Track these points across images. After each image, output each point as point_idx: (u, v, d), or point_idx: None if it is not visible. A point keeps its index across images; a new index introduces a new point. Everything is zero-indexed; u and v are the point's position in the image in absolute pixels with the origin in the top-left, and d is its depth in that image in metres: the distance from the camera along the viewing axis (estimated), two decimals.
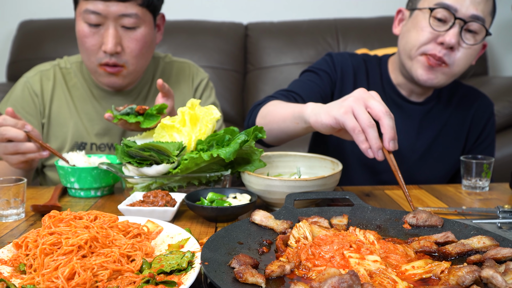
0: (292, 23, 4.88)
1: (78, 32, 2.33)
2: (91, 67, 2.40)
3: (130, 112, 2.03)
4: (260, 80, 4.70)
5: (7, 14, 5.05)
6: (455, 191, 2.05)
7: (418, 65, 2.24)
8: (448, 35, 2.14)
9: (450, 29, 2.14)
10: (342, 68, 2.46)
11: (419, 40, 2.21)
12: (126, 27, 2.29)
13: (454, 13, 2.13)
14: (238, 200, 1.73)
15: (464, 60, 2.21)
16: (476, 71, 4.87)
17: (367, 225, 1.50)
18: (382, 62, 2.51)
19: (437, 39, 2.17)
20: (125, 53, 2.33)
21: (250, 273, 1.10)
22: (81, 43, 2.34)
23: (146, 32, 2.35)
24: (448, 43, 2.14)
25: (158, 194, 1.67)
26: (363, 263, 1.17)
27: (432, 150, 2.44)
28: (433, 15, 2.17)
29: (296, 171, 1.99)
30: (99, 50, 2.31)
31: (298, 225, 1.35)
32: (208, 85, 2.73)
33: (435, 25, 2.17)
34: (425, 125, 2.43)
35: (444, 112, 2.45)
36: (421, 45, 2.20)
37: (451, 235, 1.36)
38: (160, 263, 1.21)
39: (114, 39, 2.27)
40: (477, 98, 2.50)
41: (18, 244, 1.28)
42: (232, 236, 1.34)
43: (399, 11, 2.42)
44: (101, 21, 2.26)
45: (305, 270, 1.18)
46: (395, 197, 1.95)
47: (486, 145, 2.50)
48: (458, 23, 2.14)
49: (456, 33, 2.14)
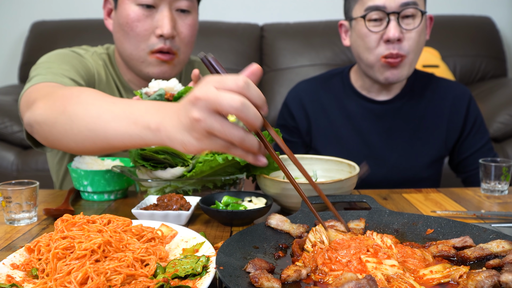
0: (309, 24, 4.87)
1: (126, 17, 2.14)
2: (139, 56, 2.20)
3: (160, 99, 1.89)
4: (276, 81, 4.69)
5: (20, 15, 5.08)
6: (474, 195, 2.02)
7: (381, 70, 2.31)
8: (389, 31, 2.22)
9: (388, 25, 2.22)
10: (297, 106, 2.59)
11: (369, 46, 2.29)
12: (181, 10, 2.18)
13: (384, 10, 2.21)
14: (254, 204, 1.71)
15: (415, 44, 2.28)
16: (495, 73, 4.85)
17: (384, 229, 1.48)
18: (344, 74, 2.59)
19: (382, 37, 2.25)
20: (179, 38, 2.21)
21: (265, 278, 1.09)
22: (130, 29, 2.15)
23: (196, 19, 2.26)
24: (393, 38, 2.21)
25: (173, 198, 1.66)
26: (380, 267, 1.16)
27: (412, 145, 2.47)
28: (367, 19, 2.25)
29: (313, 174, 1.97)
30: (151, 35, 2.16)
31: (314, 229, 1.34)
32: None
33: (373, 26, 2.26)
34: (399, 122, 2.47)
35: (418, 106, 2.49)
36: (373, 50, 2.28)
37: (469, 239, 1.34)
38: (175, 267, 1.20)
39: (171, 21, 2.14)
40: (451, 89, 2.53)
41: (30, 249, 1.27)
42: (247, 240, 1.33)
43: (341, 25, 2.51)
44: (155, 2, 2.13)
45: (321, 275, 1.17)
46: (413, 201, 1.92)
47: (477, 128, 2.51)
48: (393, 16, 2.21)
49: (395, 26, 2.22)
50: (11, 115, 4.04)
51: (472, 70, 4.84)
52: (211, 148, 1.17)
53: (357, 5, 2.31)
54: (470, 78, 4.83)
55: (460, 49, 4.86)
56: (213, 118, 1.12)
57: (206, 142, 1.16)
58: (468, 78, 4.83)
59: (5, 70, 5.18)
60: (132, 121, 1.33)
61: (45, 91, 1.72)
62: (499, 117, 4.00)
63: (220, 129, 1.12)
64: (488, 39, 4.95)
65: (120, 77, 2.34)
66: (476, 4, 5.26)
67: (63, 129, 1.53)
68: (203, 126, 1.13)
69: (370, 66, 2.33)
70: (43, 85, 1.85)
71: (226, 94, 1.10)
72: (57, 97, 1.62)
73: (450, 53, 4.82)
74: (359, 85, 2.51)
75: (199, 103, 1.12)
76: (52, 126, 1.57)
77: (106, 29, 2.33)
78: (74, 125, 1.49)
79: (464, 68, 4.84)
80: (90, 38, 4.33)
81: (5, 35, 5.15)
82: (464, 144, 2.50)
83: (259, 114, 1.15)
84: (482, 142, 2.50)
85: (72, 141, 1.54)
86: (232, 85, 1.12)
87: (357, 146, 2.47)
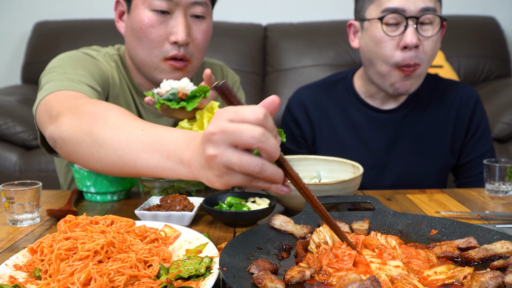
0: (312, 24, 4.86)
1: (140, 22, 2.09)
2: (152, 62, 2.15)
3: (173, 98, 1.86)
4: (280, 82, 4.69)
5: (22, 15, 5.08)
6: (478, 195, 2.01)
7: (392, 80, 2.23)
8: (407, 37, 2.13)
9: (405, 30, 2.13)
10: (301, 112, 2.52)
11: (384, 53, 2.19)
12: (196, 16, 2.13)
13: (403, 13, 2.12)
14: (257, 205, 1.71)
15: (431, 52, 2.21)
16: (499, 73, 4.84)
17: (388, 230, 1.47)
18: (347, 79, 2.50)
19: (399, 44, 2.16)
20: (193, 45, 2.15)
21: (269, 279, 1.09)
22: (144, 35, 2.10)
23: (210, 24, 2.21)
24: (411, 44, 2.12)
25: (176, 199, 1.66)
26: (384, 268, 1.16)
27: (418, 153, 2.42)
28: (384, 22, 2.15)
29: (316, 175, 1.96)
30: (165, 41, 2.10)
31: (318, 230, 1.33)
32: (239, 88, 2.63)
33: (390, 30, 2.16)
34: (404, 131, 2.41)
35: (424, 113, 2.42)
36: (388, 58, 2.19)
37: (473, 240, 1.33)
38: (178, 268, 1.20)
39: (186, 28, 2.08)
40: (458, 91, 2.46)
41: (33, 249, 1.27)
42: (251, 241, 1.33)
43: (350, 24, 2.40)
44: (170, 8, 2.07)
45: (325, 276, 1.17)
46: (417, 202, 1.92)
47: (480, 133, 2.45)
48: (411, 21, 2.13)
49: (413, 31, 2.13)
50: (14, 116, 4.04)
51: (476, 70, 4.82)
52: (234, 183, 1.15)
53: (373, 5, 2.21)
54: (474, 78, 4.82)
55: (464, 50, 4.84)
56: (230, 152, 1.10)
57: (227, 178, 1.14)
58: (472, 78, 4.82)
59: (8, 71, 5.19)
60: (165, 155, 1.33)
61: (69, 104, 1.69)
62: (503, 117, 3.99)
63: (238, 162, 1.10)
64: (492, 39, 4.94)
65: (132, 80, 2.30)
66: (480, 4, 5.25)
67: (90, 151, 1.52)
68: (220, 161, 1.11)
69: (381, 74, 2.25)
70: (64, 95, 1.80)
71: (246, 125, 1.08)
72: (83, 114, 1.59)
73: (454, 53, 4.81)
74: (364, 92, 2.44)
75: (213, 138, 1.11)
76: (78, 146, 1.56)
77: (110, 30, 2.32)
78: (101, 149, 1.49)
79: (468, 68, 4.82)
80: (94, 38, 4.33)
81: (8, 35, 5.16)
82: (465, 149, 2.44)
83: (278, 145, 1.13)
84: (482, 151, 2.43)
85: (98, 164, 1.53)
86: (251, 117, 1.09)
87: (362, 156, 2.40)
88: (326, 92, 2.53)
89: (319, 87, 2.56)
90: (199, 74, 2.47)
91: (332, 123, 2.48)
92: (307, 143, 2.52)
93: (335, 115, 2.48)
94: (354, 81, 2.49)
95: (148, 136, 1.40)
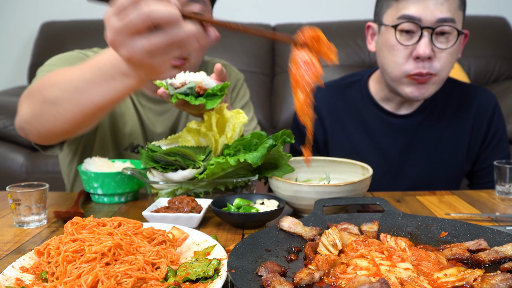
0: (321, 24, 4.84)
1: None
2: None
3: (190, 93, 1.80)
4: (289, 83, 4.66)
5: (29, 16, 5.09)
6: (488, 197, 2.00)
7: (405, 86, 2.19)
8: (420, 48, 2.08)
9: (419, 41, 2.08)
10: (319, 116, 2.45)
11: (396, 61, 2.15)
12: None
13: (419, 23, 2.07)
14: (266, 206, 1.70)
15: (448, 63, 2.15)
16: (509, 74, 4.82)
17: (398, 231, 1.47)
18: (362, 82, 2.46)
19: (412, 53, 2.11)
20: None
21: (278, 281, 1.09)
22: None
23: None
24: (423, 56, 2.07)
25: (184, 200, 1.65)
26: (394, 270, 1.15)
27: (433, 159, 2.38)
28: (399, 29, 2.11)
29: (325, 177, 1.95)
30: None
31: (327, 232, 1.33)
32: (243, 84, 2.60)
33: (403, 39, 2.12)
34: (419, 136, 2.38)
35: (440, 119, 2.38)
36: (400, 66, 2.15)
37: (483, 242, 1.33)
38: (186, 270, 1.19)
39: None
40: (476, 96, 2.40)
41: (40, 252, 1.27)
42: (259, 243, 1.32)
43: (368, 26, 2.36)
44: None
45: (334, 278, 1.16)
46: (427, 203, 1.90)
47: (497, 140, 2.41)
48: (426, 31, 2.07)
49: (427, 43, 2.07)
50: None
51: (487, 71, 4.80)
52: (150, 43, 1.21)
53: (390, 10, 2.16)
54: (484, 79, 4.80)
55: (475, 50, 4.82)
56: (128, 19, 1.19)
57: (145, 41, 1.21)
58: (483, 79, 4.80)
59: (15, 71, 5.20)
60: (109, 78, 1.37)
61: (26, 92, 1.72)
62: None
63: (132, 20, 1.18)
64: (502, 39, 4.92)
65: None
66: (490, 4, 5.23)
67: (51, 116, 1.53)
68: (126, 33, 1.20)
69: (394, 80, 2.21)
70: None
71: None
72: (34, 90, 1.63)
73: (464, 54, 4.77)
74: (379, 96, 2.39)
75: (110, 24, 1.22)
76: (41, 118, 1.57)
77: None
78: (59, 107, 1.50)
79: (478, 69, 4.80)
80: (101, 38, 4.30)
81: (15, 35, 5.17)
82: (482, 155, 2.41)
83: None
84: (499, 157, 2.38)
85: (65, 123, 1.54)
86: None
87: (376, 161, 2.34)
88: (340, 94, 2.48)
89: (333, 88, 2.52)
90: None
91: (345, 127, 2.44)
92: (318, 147, 2.49)
93: (348, 119, 2.44)
94: (370, 84, 2.45)
95: (87, 72, 1.42)
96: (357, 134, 2.42)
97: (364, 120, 2.42)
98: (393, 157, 2.39)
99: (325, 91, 2.50)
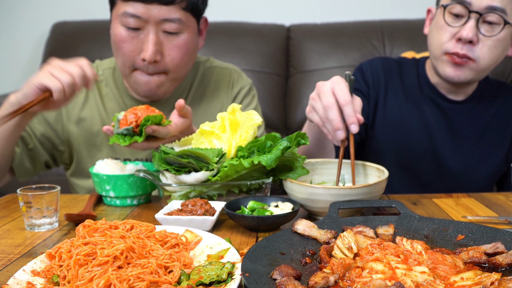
0: (336, 24, 4.81)
1: (114, 36, 2.17)
2: (125, 73, 2.24)
3: (127, 133, 1.88)
4: (303, 84, 4.64)
5: (40, 16, 5.09)
6: (506, 200, 1.97)
7: (444, 64, 2.23)
8: (464, 30, 2.11)
9: (465, 24, 2.11)
10: (372, 77, 2.47)
11: (440, 40, 2.21)
12: (168, 33, 2.14)
13: (468, 7, 2.10)
14: (280, 209, 1.68)
15: (489, 53, 2.17)
16: None
17: (414, 235, 1.45)
18: (419, 63, 2.50)
19: (455, 35, 2.15)
20: (166, 61, 2.17)
21: (292, 285, 1.08)
22: (117, 48, 2.17)
23: (189, 38, 2.19)
24: (465, 38, 2.11)
25: (197, 203, 1.64)
26: (410, 274, 1.14)
27: (475, 151, 2.38)
28: (448, 10, 2.16)
29: (341, 179, 1.93)
30: (137, 56, 2.14)
31: (342, 235, 1.32)
32: (249, 92, 2.56)
33: (451, 21, 2.16)
34: (465, 124, 2.38)
35: (487, 112, 2.39)
36: (441, 45, 2.20)
37: (501, 245, 1.32)
38: (199, 274, 1.19)
39: (155, 46, 2.10)
40: None
41: (51, 255, 1.26)
42: (273, 246, 1.32)
43: (429, 10, 2.42)
44: (140, 25, 2.10)
45: (349, 282, 1.15)
46: (443, 206, 1.88)
47: None
48: (474, 16, 2.10)
49: (472, 26, 2.10)
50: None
51: (505, 70, 4.75)
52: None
53: None
54: (502, 79, 4.75)
55: None
56: None
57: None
58: (500, 79, 4.75)
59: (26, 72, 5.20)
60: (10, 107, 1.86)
61: None
62: None
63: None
64: None
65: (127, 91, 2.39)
66: None
67: None
68: None
69: (435, 58, 2.25)
70: None
71: None
72: None
73: None
74: (431, 78, 2.42)
75: None
76: None
77: None
78: None
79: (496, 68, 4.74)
80: None
81: (26, 36, 5.17)
82: None
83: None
84: None
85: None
86: None
87: (420, 137, 2.38)
88: (399, 67, 2.52)
89: (392, 61, 2.56)
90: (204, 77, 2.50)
91: (397, 98, 2.46)
92: (369, 103, 2.48)
93: (400, 91, 2.47)
94: (426, 66, 2.48)
95: None
96: (406, 107, 2.43)
97: (416, 96, 2.44)
98: (437, 138, 2.39)
99: (385, 61, 2.54)
